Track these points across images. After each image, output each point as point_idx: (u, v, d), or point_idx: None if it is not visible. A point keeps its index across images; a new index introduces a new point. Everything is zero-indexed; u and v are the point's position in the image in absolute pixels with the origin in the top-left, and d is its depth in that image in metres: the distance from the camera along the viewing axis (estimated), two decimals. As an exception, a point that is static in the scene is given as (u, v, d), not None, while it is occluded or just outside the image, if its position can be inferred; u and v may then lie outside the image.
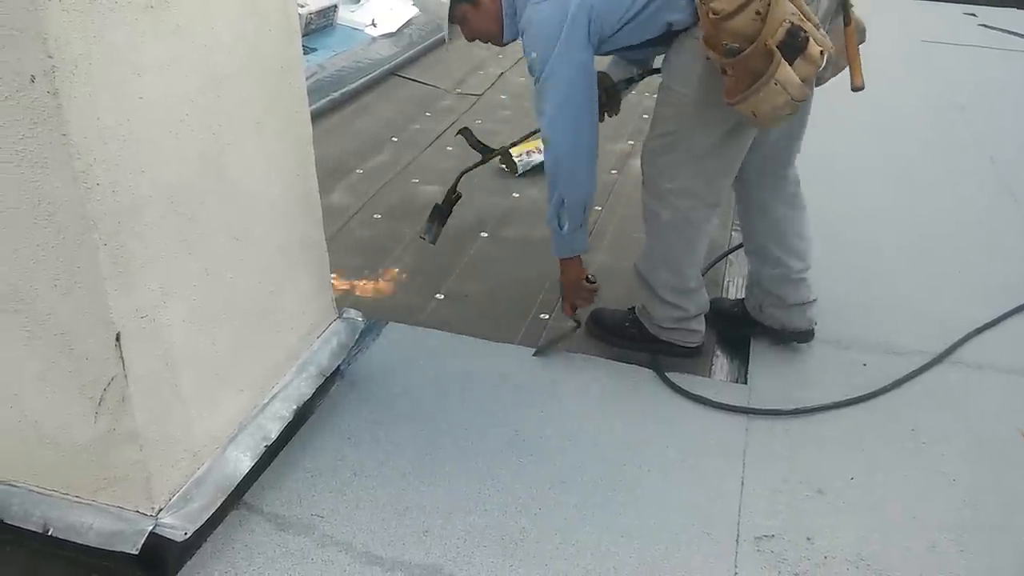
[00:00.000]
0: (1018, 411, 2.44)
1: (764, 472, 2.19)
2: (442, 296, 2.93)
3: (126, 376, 1.58)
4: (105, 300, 1.51)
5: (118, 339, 1.55)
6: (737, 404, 2.41)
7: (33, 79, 1.34)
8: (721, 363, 2.63)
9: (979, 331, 2.82)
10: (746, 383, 2.52)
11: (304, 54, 5.23)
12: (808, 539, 2.01)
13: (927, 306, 2.97)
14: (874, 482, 2.19)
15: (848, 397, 2.46)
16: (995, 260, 3.24)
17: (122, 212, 1.51)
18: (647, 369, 2.54)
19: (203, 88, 1.68)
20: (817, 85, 2.08)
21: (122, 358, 1.57)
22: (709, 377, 2.56)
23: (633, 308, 2.59)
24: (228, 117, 1.76)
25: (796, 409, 2.41)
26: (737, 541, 1.98)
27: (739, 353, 2.66)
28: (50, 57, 1.32)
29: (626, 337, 2.58)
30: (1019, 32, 6.81)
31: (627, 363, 2.56)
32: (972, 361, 2.69)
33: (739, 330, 2.70)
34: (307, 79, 4.34)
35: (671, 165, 2.26)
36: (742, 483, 2.15)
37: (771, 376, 2.56)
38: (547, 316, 2.82)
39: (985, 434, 2.37)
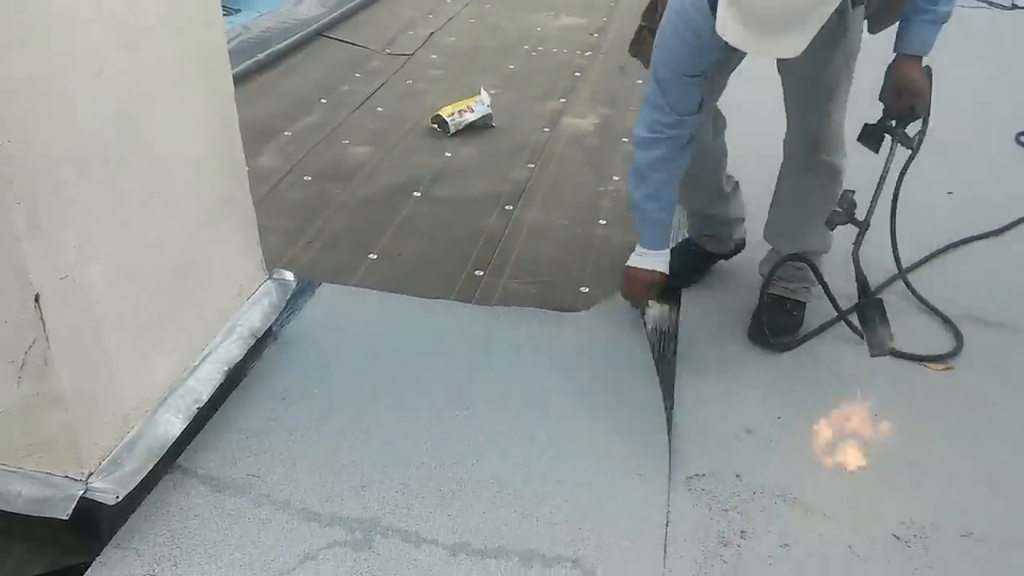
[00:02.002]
0: (932, 346, 2.53)
1: (694, 415, 2.25)
2: (375, 256, 2.92)
3: (47, 338, 1.55)
4: (22, 260, 1.48)
5: (37, 300, 1.51)
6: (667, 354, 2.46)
7: (-67, 31, 1.30)
8: (651, 314, 2.68)
9: (904, 273, 2.90)
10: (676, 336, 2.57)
11: (228, 15, 5.11)
12: (737, 476, 2.07)
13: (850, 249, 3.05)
14: (800, 420, 2.26)
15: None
16: (916, 205, 3.34)
17: (37, 170, 1.47)
18: (578, 314, 2.58)
19: (120, 43, 1.63)
20: None
21: (42, 319, 1.53)
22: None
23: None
24: (146, 72, 1.72)
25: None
26: (669, 481, 2.04)
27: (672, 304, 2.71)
28: (-49, 8, 1.28)
29: None
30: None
31: (562, 311, 2.60)
32: (893, 301, 2.78)
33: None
34: (231, 40, 4.30)
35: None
36: (673, 426, 2.20)
37: (700, 325, 2.61)
38: (481, 272, 2.83)
39: (905, 369, 2.46)
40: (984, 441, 2.23)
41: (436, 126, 3.77)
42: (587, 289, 2.75)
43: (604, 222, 3.14)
